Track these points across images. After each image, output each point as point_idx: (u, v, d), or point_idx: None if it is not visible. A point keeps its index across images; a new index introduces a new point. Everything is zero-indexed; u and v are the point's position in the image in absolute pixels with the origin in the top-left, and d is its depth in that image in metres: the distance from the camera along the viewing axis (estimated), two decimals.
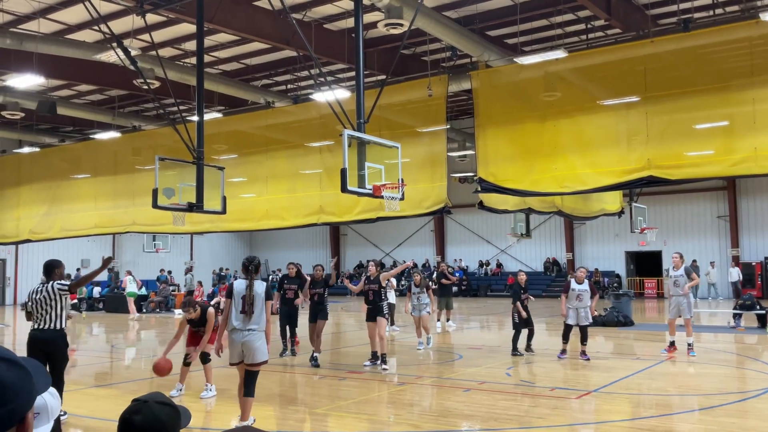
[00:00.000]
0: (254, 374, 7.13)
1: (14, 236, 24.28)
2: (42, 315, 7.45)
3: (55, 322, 7.46)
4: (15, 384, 1.23)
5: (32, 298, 7.57)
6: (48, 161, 23.85)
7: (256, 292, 7.09)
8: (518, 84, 15.39)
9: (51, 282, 7.56)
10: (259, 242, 45.95)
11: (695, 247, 32.38)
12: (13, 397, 1.22)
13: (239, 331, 7.03)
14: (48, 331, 7.42)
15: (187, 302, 9.67)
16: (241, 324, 7.03)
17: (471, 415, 8.18)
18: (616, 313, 18.35)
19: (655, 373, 10.94)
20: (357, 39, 11.92)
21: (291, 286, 13.02)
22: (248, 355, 7.01)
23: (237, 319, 7.06)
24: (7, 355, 1.26)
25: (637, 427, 7.42)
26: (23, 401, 1.24)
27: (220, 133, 18.85)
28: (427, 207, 15.37)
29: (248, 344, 7.00)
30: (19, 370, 1.26)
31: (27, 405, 1.26)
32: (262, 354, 7.08)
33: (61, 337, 7.52)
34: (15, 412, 1.22)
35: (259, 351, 7.04)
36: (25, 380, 1.26)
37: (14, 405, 1.22)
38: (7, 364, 1.24)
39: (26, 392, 1.26)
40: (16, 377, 1.24)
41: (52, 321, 7.44)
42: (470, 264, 38.31)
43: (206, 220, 17.81)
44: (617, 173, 13.90)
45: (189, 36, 18.40)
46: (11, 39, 16.13)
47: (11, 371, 1.24)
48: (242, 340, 7.01)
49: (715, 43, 13.31)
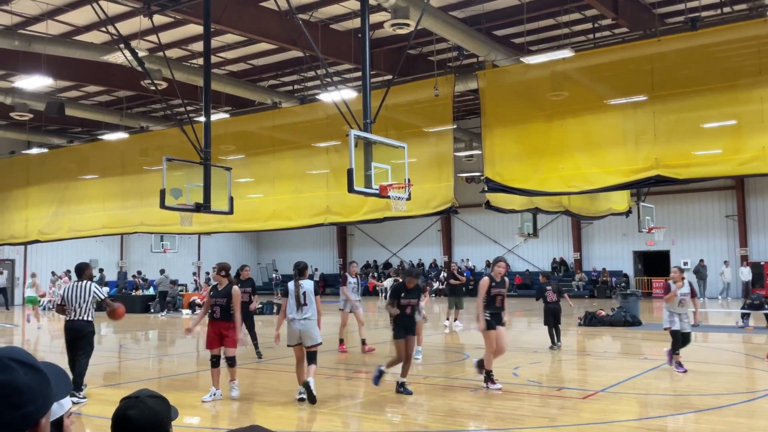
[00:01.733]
0: (313, 354, 8.68)
1: (23, 237, 24.42)
2: (75, 308, 8.94)
3: (85, 314, 8.97)
4: (32, 388, 1.24)
5: (67, 294, 9.02)
6: (56, 162, 23.98)
7: (306, 288, 8.74)
8: (525, 83, 15.37)
9: (84, 281, 9.07)
10: (266, 242, 46.03)
11: (703, 246, 32.25)
12: (28, 401, 1.22)
13: (297, 321, 8.64)
14: (78, 321, 8.94)
15: (222, 267, 9.19)
16: (298, 315, 8.63)
17: (478, 415, 8.17)
18: (623, 313, 18.30)
19: (663, 373, 10.91)
20: (363, 39, 11.94)
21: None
22: (306, 340, 8.62)
23: (293, 311, 8.67)
24: (27, 359, 1.27)
25: (644, 427, 7.41)
26: (39, 406, 1.25)
27: (227, 133, 18.91)
28: (434, 207, 15.38)
29: (305, 331, 8.60)
30: (37, 375, 1.26)
31: (42, 410, 1.26)
32: (317, 338, 8.69)
33: (88, 326, 9.02)
34: (30, 415, 1.23)
35: (314, 336, 8.65)
36: (43, 385, 1.27)
37: (29, 409, 1.22)
38: (25, 369, 1.25)
39: (42, 397, 1.26)
40: (34, 381, 1.25)
41: (83, 314, 8.95)
42: (477, 264, 38.27)
43: (213, 221, 17.86)
44: (624, 173, 13.88)
45: (196, 37, 18.46)
46: (20, 41, 16.22)
47: (29, 375, 1.24)
48: (299, 327, 8.62)
49: (722, 42, 13.26)
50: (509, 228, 34.11)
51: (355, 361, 12.98)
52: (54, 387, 1.33)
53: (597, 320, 18.34)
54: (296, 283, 8.80)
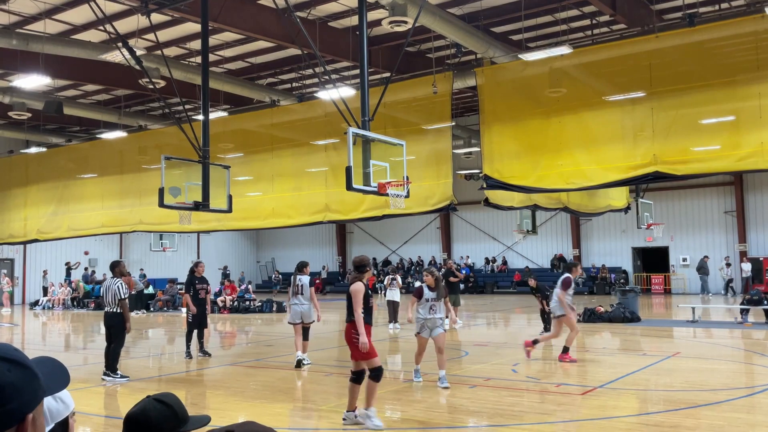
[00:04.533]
0: (307, 329, 11.64)
1: (22, 236, 24.42)
2: (108, 302, 10.60)
3: (115, 308, 10.52)
4: (14, 385, 1.23)
5: (103, 290, 10.87)
6: (55, 161, 23.97)
7: (303, 282, 11.55)
8: (523, 80, 15.36)
9: (114, 278, 10.63)
10: (265, 241, 46.04)
11: (702, 242, 32.29)
12: (11, 397, 1.22)
13: (297, 305, 11.53)
14: (109, 313, 10.62)
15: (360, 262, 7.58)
16: (296, 301, 11.54)
17: (477, 411, 8.19)
18: (622, 309, 18.32)
19: (662, 369, 10.93)
20: (361, 37, 11.93)
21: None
22: (305, 319, 11.54)
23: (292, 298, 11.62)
24: (12, 356, 1.27)
25: (643, 423, 7.42)
26: (24, 402, 1.25)
27: (226, 131, 18.90)
28: (433, 204, 15.38)
29: (304, 312, 11.52)
30: (22, 371, 1.26)
31: (28, 406, 1.26)
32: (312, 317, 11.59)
33: (117, 317, 10.51)
34: (14, 412, 1.23)
35: (310, 316, 11.56)
36: (28, 381, 1.27)
37: (13, 406, 1.23)
38: (9, 365, 1.24)
39: (28, 393, 1.26)
40: (17, 378, 1.24)
41: (113, 307, 10.54)
42: (477, 261, 38.30)
43: (212, 219, 17.87)
44: (623, 169, 13.87)
45: (194, 35, 18.45)
46: (17, 40, 16.20)
47: (12, 372, 1.24)
48: (300, 310, 11.51)
49: (720, 38, 13.26)
50: (508, 225, 34.16)
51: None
52: (46, 381, 1.33)
53: (596, 317, 18.37)
54: (294, 277, 11.66)
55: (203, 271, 13.31)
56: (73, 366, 11.76)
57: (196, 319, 12.86)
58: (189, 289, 12.99)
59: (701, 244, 32.23)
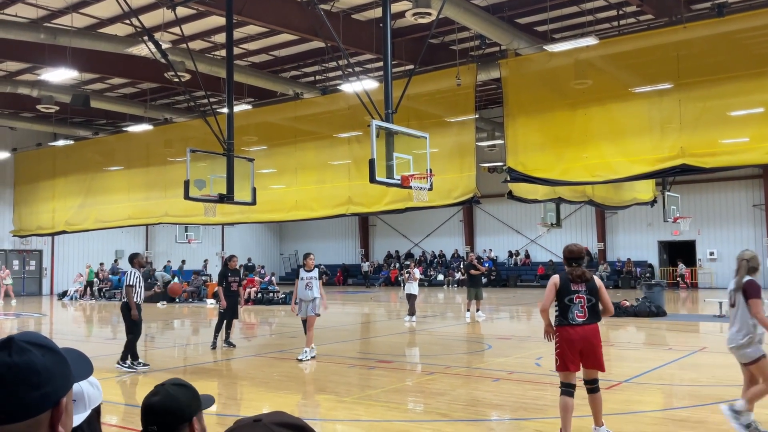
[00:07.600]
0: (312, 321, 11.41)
1: (50, 228, 24.83)
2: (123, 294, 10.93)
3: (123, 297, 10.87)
4: (49, 369, 1.26)
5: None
6: (82, 154, 24.31)
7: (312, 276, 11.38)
8: (548, 72, 15.23)
9: (131, 269, 10.88)
10: (288, 233, 46.26)
11: (729, 236, 31.80)
12: (47, 381, 1.25)
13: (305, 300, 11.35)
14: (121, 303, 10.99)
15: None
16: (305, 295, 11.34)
17: (500, 404, 8.17)
18: (648, 303, 18.13)
19: (688, 363, 10.81)
20: (385, 29, 11.90)
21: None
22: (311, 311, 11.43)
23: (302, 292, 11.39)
24: (43, 342, 1.29)
25: (668, 418, 7.35)
26: (57, 386, 1.27)
27: (250, 124, 19.01)
28: (456, 197, 15.33)
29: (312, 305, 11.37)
30: (54, 356, 1.29)
31: (62, 390, 1.28)
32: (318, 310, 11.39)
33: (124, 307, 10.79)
34: (48, 395, 1.25)
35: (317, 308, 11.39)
36: (61, 366, 1.29)
37: (48, 389, 1.25)
38: (42, 350, 1.27)
39: (61, 378, 1.28)
40: (51, 362, 1.27)
41: (122, 297, 10.94)
42: (500, 254, 38.12)
43: (236, 211, 17.99)
44: (650, 161, 13.70)
45: (218, 28, 18.54)
46: (45, 34, 16.42)
47: (46, 357, 1.27)
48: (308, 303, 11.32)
49: (750, 29, 13.02)
50: (532, 218, 33.91)
51: (377, 351, 13.03)
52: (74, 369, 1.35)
53: (621, 311, 18.19)
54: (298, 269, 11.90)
55: (236, 264, 13.60)
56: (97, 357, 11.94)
57: (228, 311, 13.09)
58: (222, 281, 13.24)
59: (728, 238, 31.74)
